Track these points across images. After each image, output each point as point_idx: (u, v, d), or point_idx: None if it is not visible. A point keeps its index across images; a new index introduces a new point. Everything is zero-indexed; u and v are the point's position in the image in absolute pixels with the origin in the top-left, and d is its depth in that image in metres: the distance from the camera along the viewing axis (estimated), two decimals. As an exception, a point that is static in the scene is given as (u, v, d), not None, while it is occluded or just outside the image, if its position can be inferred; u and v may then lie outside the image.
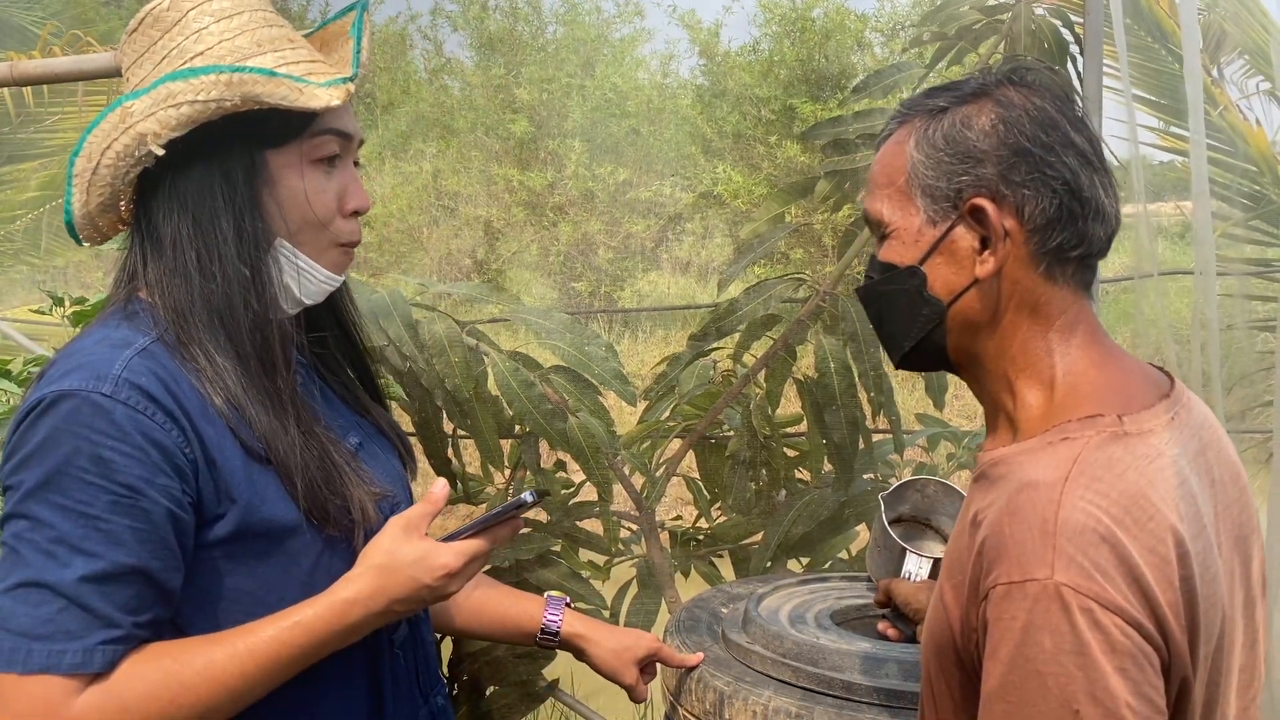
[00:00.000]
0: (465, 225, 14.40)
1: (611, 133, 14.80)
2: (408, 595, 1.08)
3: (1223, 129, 3.89)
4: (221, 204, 1.10)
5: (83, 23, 6.70)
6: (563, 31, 16.29)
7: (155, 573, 1.01)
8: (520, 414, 2.04)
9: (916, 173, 0.99)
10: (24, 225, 6.66)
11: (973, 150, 0.97)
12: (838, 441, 2.36)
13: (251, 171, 1.11)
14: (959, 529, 0.99)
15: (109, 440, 0.99)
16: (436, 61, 16.38)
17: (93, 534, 0.98)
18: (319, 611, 1.06)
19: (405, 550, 1.09)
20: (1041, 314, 0.98)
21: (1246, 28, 3.33)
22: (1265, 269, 4.37)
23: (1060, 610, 0.82)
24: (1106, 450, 0.90)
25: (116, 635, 0.98)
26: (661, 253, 14.80)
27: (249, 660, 1.02)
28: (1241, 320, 3.85)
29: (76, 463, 0.98)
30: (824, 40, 14.01)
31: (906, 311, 1.02)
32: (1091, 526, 0.85)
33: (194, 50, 1.10)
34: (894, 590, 1.49)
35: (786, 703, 1.31)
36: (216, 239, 1.10)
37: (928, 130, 1.00)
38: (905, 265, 1.01)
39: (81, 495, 0.98)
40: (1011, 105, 0.98)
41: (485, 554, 1.13)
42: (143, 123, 1.06)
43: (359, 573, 1.08)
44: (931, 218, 0.99)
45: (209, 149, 1.09)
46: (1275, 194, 3.94)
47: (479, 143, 14.79)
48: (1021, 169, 0.96)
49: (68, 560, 0.97)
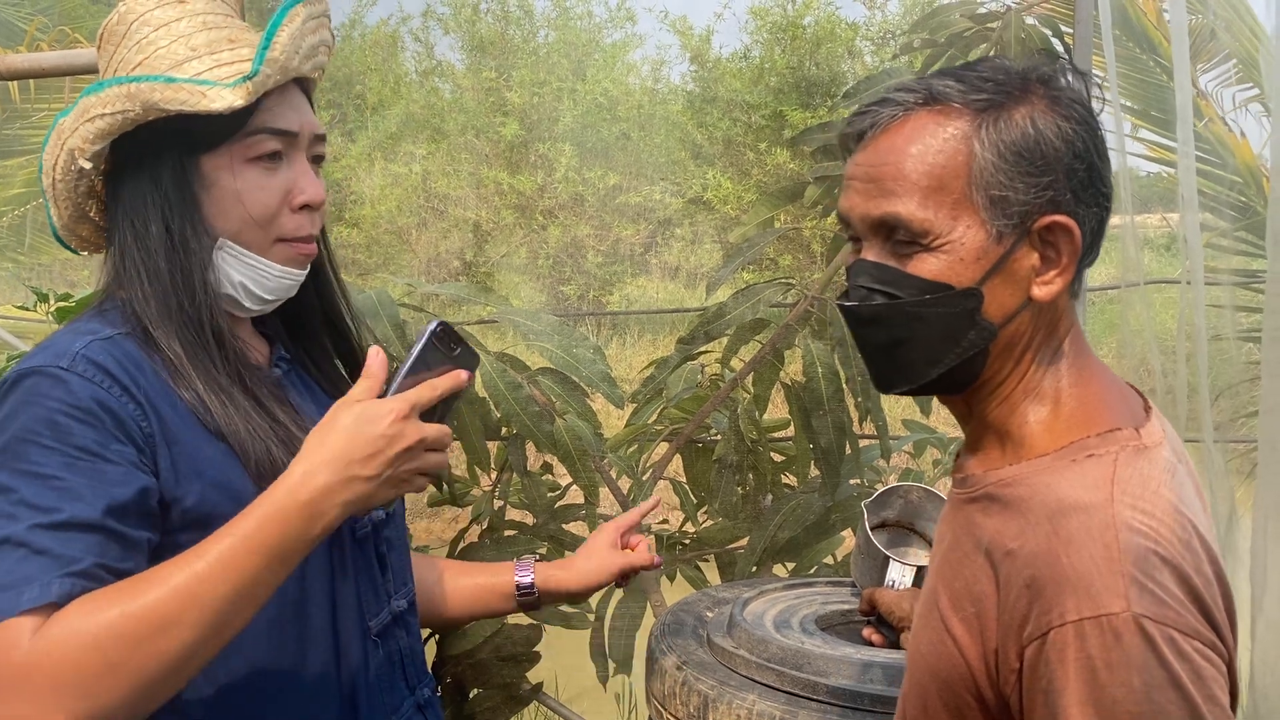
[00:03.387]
0: (454, 227, 14.38)
1: (602, 137, 14.80)
2: (367, 452, 0.99)
3: (1209, 140, 3.91)
4: (151, 209, 1.13)
5: (70, 19, 6.67)
6: (554, 36, 16.30)
7: (117, 528, 0.99)
8: (507, 416, 2.04)
9: (986, 178, 0.86)
10: (9, 222, 6.62)
11: (1052, 159, 0.86)
12: (824, 446, 2.36)
13: (182, 176, 1.13)
14: (959, 555, 0.90)
15: (64, 407, 1.01)
16: (427, 63, 16.37)
17: (48, 492, 0.98)
18: (274, 496, 0.98)
19: (342, 414, 1.02)
20: (1057, 331, 0.92)
21: (1236, 36, 3.35)
22: (1251, 279, 4.39)
23: (1144, 644, 0.76)
24: (1136, 465, 0.84)
25: (77, 569, 0.95)
26: (650, 257, 14.81)
27: (208, 570, 0.94)
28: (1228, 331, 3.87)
29: (32, 428, 1.00)
30: (814, 47, 14.05)
31: (948, 336, 0.89)
32: (1151, 549, 0.79)
33: (133, 61, 1.13)
34: (878, 599, 1.49)
35: (770, 707, 1.31)
36: (149, 243, 1.13)
37: (999, 128, 0.86)
38: (963, 286, 0.87)
39: (38, 458, 0.99)
40: (1071, 109, 0.88)
41: (435, 400, 1.04)
42: (70, 139, 1.11)
43: (304, 450, 1.01)
44: (999, 233, 0.86)
45: (141, 157, 1.13)
46: (1260, 205, 3.96)
47: (469, 145, 14.77)
48: (1089, 183, 0.87)
49: (25, 517, 0.97)
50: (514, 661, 2.08)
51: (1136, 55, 3.89)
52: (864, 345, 0.95)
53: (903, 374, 0.93)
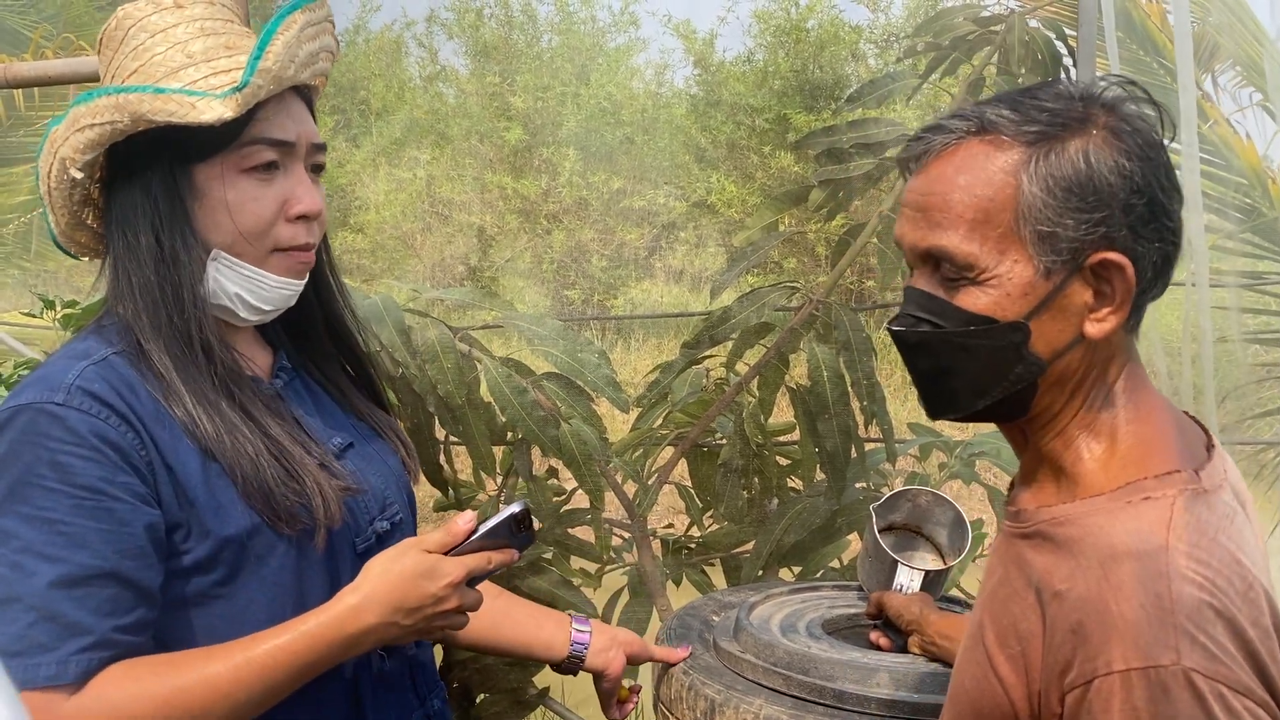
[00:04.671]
0: (459, 232, 14.38)
1: (605, 141, 14.81)
2: (414, 605, 1.06)
3: (1214, 142, 3.91)
4: (142, 220, 1.11)
5: (75, 26, 6.69)
6: (557, 40, 16.31)
7: (128, 573, 1.00)
8: (512, 420, 2.04)
9: (1033, 214, 0.84)
10: (15, 229, 6.64)
11: (1105, 195, 0.83)
12: (830, 450, 2.35)
13: (172, 187, 1.11)
14: (1008, 591, 0.88)
15: (65, 445, 1.00)
16: (431, 68, 16.38)
17: (56, 539, 0.97)
18: (321, 620, 1.04)
19: (410, 560, 1.07)
20: (1114, 366, 0.89)
21: (1239, 40, 3.35)
22: (1257, 281, 4.38)
23: (1193, 698, 0.75)
24: (1194, 511, 0.82)
25: (89, 642, 0.97)
26: (655, 261, 14.80)
27: (245, 669, 1.01)
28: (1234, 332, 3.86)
29: (35, 470, 0.99)
30: (818, 51, 14.04)
31: (994, 369, 0.88)
32: (1206, 601, 0.77)
33: (129, 68, 1.12)
34: (886, 603, 1.49)
35: (777, 711, 1.31)
36: (140, 254, 1.12)
37: (1049, 162, 0.84)
38: (1008, 320, 0.86)
39: (44, 502, 0.98)
40: (1131, 141, 0.85)
41: (485, 573, 1.12)
42: (61, 148, 1.10)
43: (363, 580, 1.07)
44: (1047, 268, 0.84)
45: (133, 167, 1.12)
46: (1266, 207, 3.96)
47: (473, 150, 14.78)
48: (1149, 219, 0.84)
49: (34, 568, 0.96)
50: (520, 666, 2.08)
51: (1140, 58, 3.88)
52: (912, 371, 0.94)
53: (949, 403, 0.93)
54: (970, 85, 2.50)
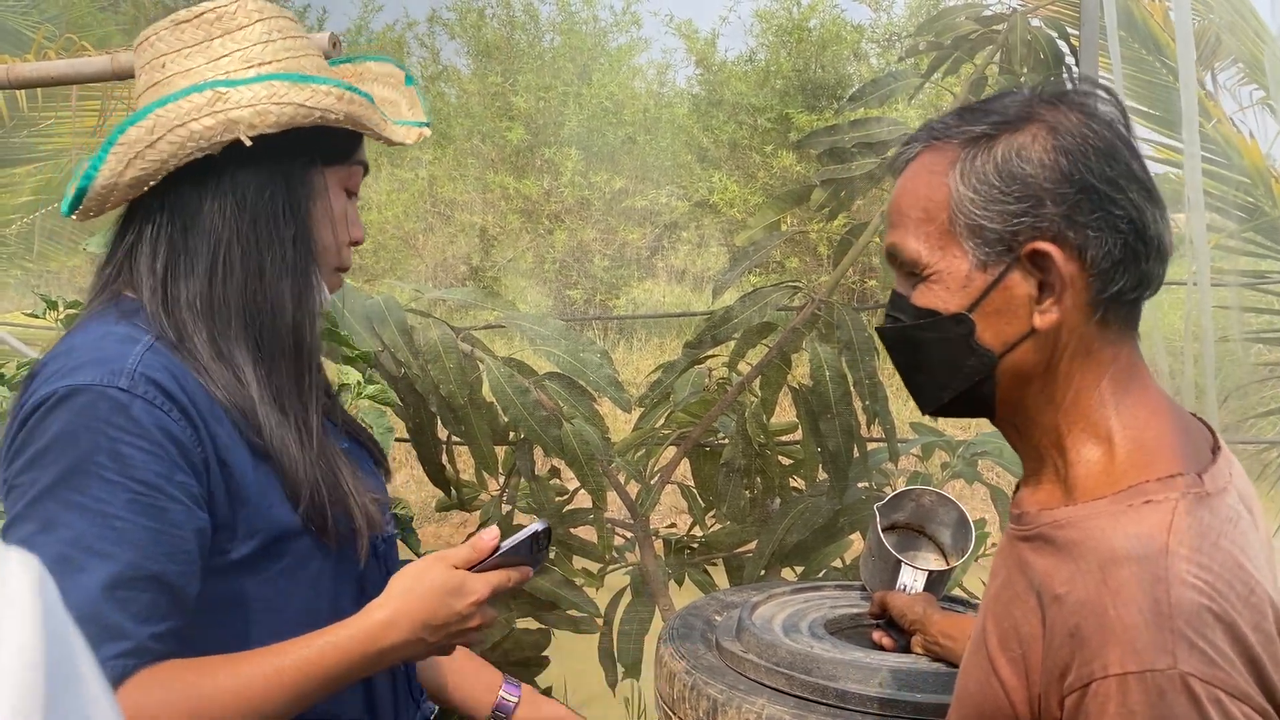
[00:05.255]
0: (461, 232, 14.39)
1: (607, 141, 14.81)
2: (441, 621, 1.05)
3: (1216, 141, 3.90)
4: (283, 207, 1.10)
5: (77, 27, 6.69)
6: (559, 40, 16.31)
7: (171, 579, 0.97)
8: (515, 420, 2.04)
9: (963, 210, 0.88)
10: (18, 229, 6.64)
11: (1032, 187, 0.86)
12: (832, 449, 2.35)
13: (310, 184, 1.12)
14: (1010, 594, 0.88)
15: (127, 435, 0.96)
16: (433, 69, 16.37)
17: (109, 533, 0.93)
18: (352, 633, 1.03)
19: (438, 576, 1.06)
20: (1094, 362, 0.89)
21: (1241, 38, 3.35)
22: (1260, 280, 4.38)
23: (1189, 703, 0.75)
24: (1196, 514, 0.82)
25: (127, 648, 0.93)
26: (657, 261, 14.80)
27: (275, 679, 0.99)
28: (1236, 332, 3.86)
29: (95, 459, 0.94)
30: (820, 50, 14.04)
31: (948, 362, 0.91)
32: (1205, 605, 0.77)
33: (260, 59, 1.10)
34: (889, 602, 1.49)
35: (780, 711, 1.31)
36: (274, 240, 1.09)
37: (975, 161, 0.88)
38: (950, 313, 0.89)
39: (100, 493, 0.94)
40: (1069, 132, 0.87)
41: (505, 591, 1.12)
42: (237, 110, 1.04)
43: (392, 596, 1.06)
44: (981, 261, 0.88)
45: (273, 153, 1.08)
46: (1269, 206, 3.95)
47: (475, 150, 14.79)
48: (1086, 207, 0.85)
49: (83, 564, 0.92)
50: (523, 666, 2.08)
51: (1143, 57, 3.88)
52: (895, 368, 1.00)
53: (921, 397, 0.97)
54: (972, 84, 2.50)
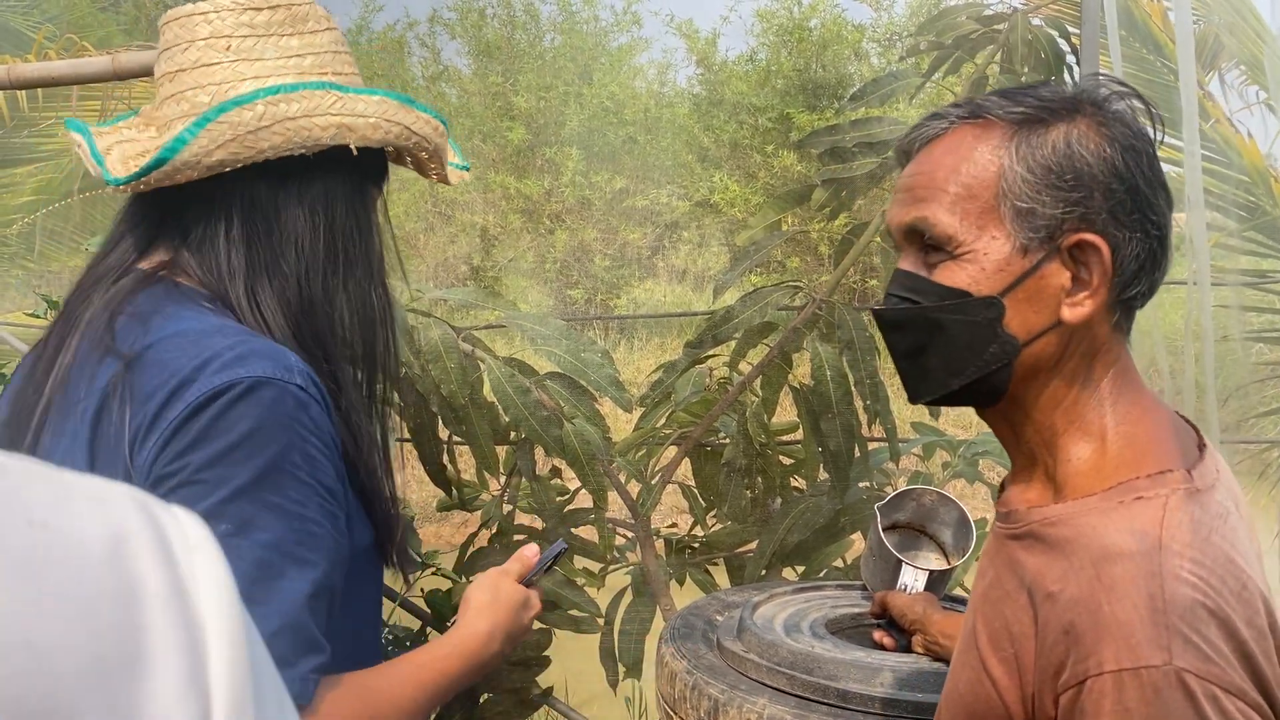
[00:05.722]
0: (461, 232, 14.40)
1: (608, 141, 14.81)
2: (517, 633, 1.13)
3: (1216, 141, 3.91)
4: (361, 221, 1.08)
5: (78, 27, 6.70)
6: (560, 40, 16.31)
7: (336, 587, 0.93)
8: (516, 420, 2.04)
9: (1014, 190, 0.86)
10: (19, 229, 6.64)
11: (1086, 177, 0.85)
12: (833, 449, 2.35)
13: (373, 200, 1.12)
14: (1000, 593, 0.88)
15: (311, 436, 0.92)
16: (434, 69, 16.38)
17: (307, 539, 0.89)
18: (465, 642, 1.07)
19: (512, 591, 1.13)
20: (1100, 362, 0.89)
21: (1242, 38, 3.35)
22: (1261, 280, 4.38)
23: (1185, 699, 0.74)
24: (1187, 510, 0.82)
25: (322, 662, 0.89)
26: (658, 260, 14.80)
27: (418, 688, 1.01)
28: (1236, 331, 3.86)
29: (290, 458, 0.89)
30: (821, 50, 14.05)
31: (969, 346, 0.88)
32: (1200, 601, 0.77)
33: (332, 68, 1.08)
34: (890, 602, 1.49)
35: (781, 710, 1.31)
36: (359, 253, 1.08)
37: (1031, 141, 0.86)
38: (983, 295, 0.87)
39: (296, 494, 0.89)
40: (1119, 130, 0.86)
41: None
42: (353, 119, 1.02)
43: (482, 609, 1.10)
44: (1023, 246, 0.86)
45: (354, 166, 1.06)
46: (1269, 205, 3.95)
47: (476, 150, 14.80)
48: (1129, 206, 0.85)
49: (282, 570, 0.87)
50: (524, 666, 2.08)
51: (1143, 56, 3.88)
52: (892, 353, 0.96)
53: (926, 383, 0.93)
54: (973, 84, 2.50)
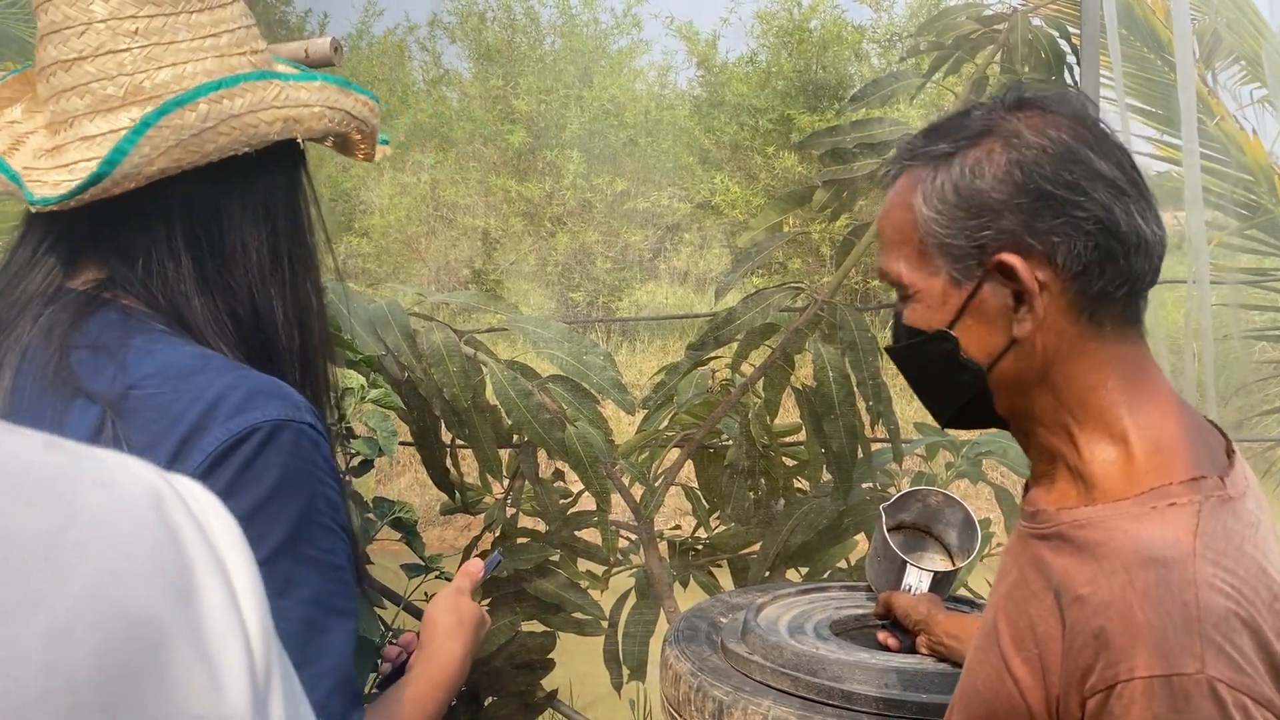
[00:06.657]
0: (463, 235, 14.40)
1: (609, 143, 14.81)
2: (476, 649, 1.13)
3: (1218, 138, 3.90)
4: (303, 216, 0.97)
5: (81, 34, 6.69)
6: (560, 43, 16.32)
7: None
8: (518, 423, 2.04)
9: (930, 231, 0.90)
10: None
11: (988, 202, 0.87)
12: (836, 450, 2.35)
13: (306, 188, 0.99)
14: (1025, 592, 0.88)
15: (328, 478, 0.86)
16: (434, 72, 16.39)
17: (341, 588, 0.85)
18: (445, 669, 1.07)
19: (471, 609, 1.12)
20: (1092, 362, 0.89)
21: (1242, 34, 3.34)
22: (1262, 278, 4.37)
23: (1215, 708, 0.74)
24: (1220, 518, 0.81)
25: (362, 714, 0.87)
26: (659, 263, 14.80)
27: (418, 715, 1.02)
28: (1238, 330, 3.86)
29: (316, 506, 0.84)
30: (821, 51, 14.05)
31: (944, 376, 0.93)
32: (1233, 610, 0.77)
33: (250, 46, 0.94)
34: (894, 603, 1.49)
35: (786, 712, 1.31)
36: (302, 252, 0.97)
37: (935, 182, 0.90)
38: (933, 330, 0.92)
39: (326, 543, 0.85)
40: (1024, 143, 0.88)
41: None
42: (297, 110, 0.90)
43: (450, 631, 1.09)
44: (955, 278, 0.90)
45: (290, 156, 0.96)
46: (1271, 203, 3.95)
47: (477, 153, 14.80)
48: (1046, 215, 0.86)
49: (325, 624, 0.84)
50: (528, 669, 2.08)
51: (1144, 54, 3.88)
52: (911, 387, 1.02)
53: (936, 411, 0.99)
54: (974, 84, 2.50)
